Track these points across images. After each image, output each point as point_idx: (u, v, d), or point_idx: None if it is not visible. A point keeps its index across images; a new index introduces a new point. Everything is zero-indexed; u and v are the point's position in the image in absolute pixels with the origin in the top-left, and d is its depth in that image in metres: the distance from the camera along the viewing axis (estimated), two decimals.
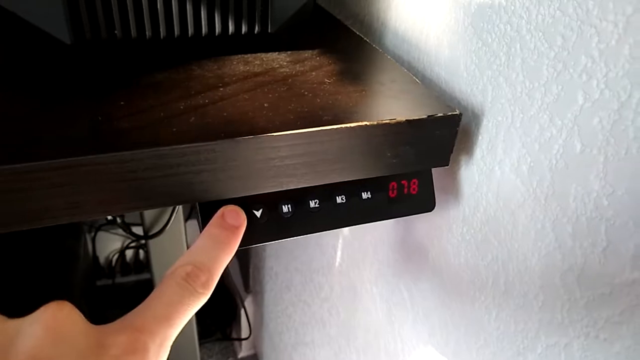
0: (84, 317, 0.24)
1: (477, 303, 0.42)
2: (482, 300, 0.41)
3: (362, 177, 0.36)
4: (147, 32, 0.39)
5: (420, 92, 0.38)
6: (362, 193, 0.39)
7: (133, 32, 0.39)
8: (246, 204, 0.35)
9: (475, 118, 0.39)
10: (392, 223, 0.55)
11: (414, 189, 0.40)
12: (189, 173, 0.31)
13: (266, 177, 0.33)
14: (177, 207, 0.71)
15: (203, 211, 0.34)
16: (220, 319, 1.38)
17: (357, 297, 0.67)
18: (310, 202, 0.37)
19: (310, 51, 0.45)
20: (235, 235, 0.32)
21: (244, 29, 0.42)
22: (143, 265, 1.45)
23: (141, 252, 1.47)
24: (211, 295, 0.29)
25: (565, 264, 0.32)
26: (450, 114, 0.36)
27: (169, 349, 0.25)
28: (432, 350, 0.50)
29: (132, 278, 1.44)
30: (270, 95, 0.36)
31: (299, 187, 0.35)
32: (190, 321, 0.85)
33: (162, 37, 0.40)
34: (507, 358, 0.39)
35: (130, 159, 0.29)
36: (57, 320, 0.23)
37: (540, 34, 0.32)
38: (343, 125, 0.33)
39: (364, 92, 0.38)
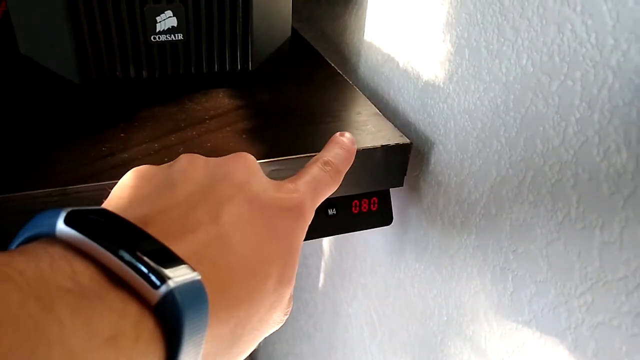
0: None
1: (427, 328, 0.49)
2: (430, 326, 0.49)
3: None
4: (144, 72, 0.46)
5: (380, 123, 0.45)
6: (329, 210, 0.45)
7: (132, 72, 0.45)
8: None
9: (423, 175, 0.46)
10: (362, 255, 0.62)
11: (374, 206, 0.46)
12: None
13: None
14: None
15: None
16: None
17: (337, 315, 0.75)
18: None
19: (287, 85, 0.51)
20: (352, 151, 0.33)
21: (227, 67, 0.48)
22: None
23: None
24: None
25: (486, 303, 0.40)
26: (402, 143, 0.42)
27: (311, 218, 0.28)
28: None
29: None
30: (249, 127, 0.42)
31: None
32: None
33: (156, 75, 0.46)
34: None
35: None
36: (247, 159, 0.27)
37: (467, 116, 0.40)
38: (308, 155, 0.39)
39: (331, 124, 0.44)
